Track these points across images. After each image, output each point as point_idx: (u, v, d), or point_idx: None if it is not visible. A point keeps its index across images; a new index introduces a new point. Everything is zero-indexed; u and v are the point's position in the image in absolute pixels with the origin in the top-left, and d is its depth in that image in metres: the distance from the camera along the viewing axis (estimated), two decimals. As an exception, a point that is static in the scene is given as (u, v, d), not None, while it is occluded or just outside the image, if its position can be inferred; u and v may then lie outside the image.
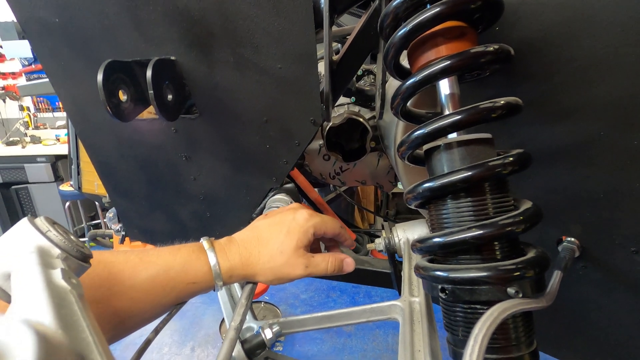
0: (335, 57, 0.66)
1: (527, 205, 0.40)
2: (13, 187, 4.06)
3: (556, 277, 0.51)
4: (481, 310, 0.37)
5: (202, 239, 0.58)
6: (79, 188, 1.43)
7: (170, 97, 0.65)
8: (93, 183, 1.34)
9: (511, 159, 0.38)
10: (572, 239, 0.60)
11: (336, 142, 1.11)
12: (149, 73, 0.58)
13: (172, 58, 0.66)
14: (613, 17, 0.45)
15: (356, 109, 1.14)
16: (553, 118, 0.53)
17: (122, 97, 0.64)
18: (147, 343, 0.51)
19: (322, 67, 0.66)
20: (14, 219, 4.15)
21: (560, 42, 0.48)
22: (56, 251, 0.31)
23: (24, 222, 0.34)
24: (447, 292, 0.38)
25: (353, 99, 1.06)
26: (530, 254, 0.38)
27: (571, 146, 0.54)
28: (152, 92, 0.59)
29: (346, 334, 2.68)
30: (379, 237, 0.87)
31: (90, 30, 0.66)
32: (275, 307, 3.00)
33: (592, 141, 0.52)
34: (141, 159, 0.85)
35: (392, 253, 0.86)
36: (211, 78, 0.68)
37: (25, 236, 0.32)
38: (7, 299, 0.31)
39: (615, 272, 0.59)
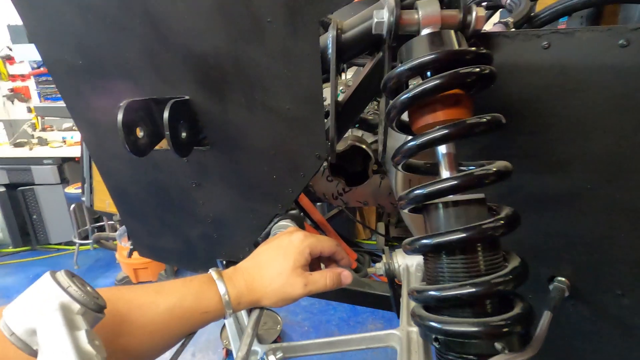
0: (341, 99, 0.69)
1: (515, 262, 0.43)
2: (19, 188, 4.11)
3: (545, 318, 0.55)
4: (471, 361, 0.41)
5: (210, 270, 0.62)
6: (91, 206, 1.47)
7: (184, 134, 0.69)
8: (105, 202, 1.38)
9: (502, 222, 0.42)
10: (563, 279, 0.64)
11: (340, 166, 1.15)
12: (166, 114, 0.62)
13: (187, 97, 0.70)
14: (600, 83, 0.49)
15: (359, 133, 1.18)
16: (545, 169, 0.57)
17: (139, 133, 0.68)
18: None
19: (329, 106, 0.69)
20: (19, 219, 4.20)
21: (551, 103, 0.52)
22: (76, 306, 0.35)
23: (46, 277, 0.38)
24: (440, 342, 0.42)
25: (357, 124, 1.10)
26: (517, 309, 0.42)
27: (561, 195, 0.57)
28: (168, 133, 0.62)
29: (345, 343, 2.70)
30: (379, 256, 0.91)
31: (111, 71, 0.70)
32: (276, 314, 3.03)
33: (580, 192, 0.55)
34: (153, 185, 0.89)
35: (392, 278, 0.89)
36: (223, 116, 0.72)
37: (48, 292, 0.36)
38: (31, 352, 0.34)
39: (604, 313, 0.62)
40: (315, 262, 0.69)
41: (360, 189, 1.26)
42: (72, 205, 3.96)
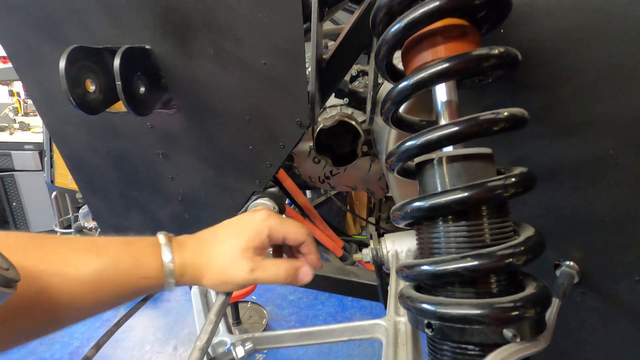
0: (325, 56, 0.61)
1: (528, 232, 0.35)
2: (-2, 174, 3.95)
3: (554, 306, 0.46)
4: (473, 353, 0.33)
5: (158, 233, 0.52)
6: (52, 181, 1.36)
7: (142, 89, 0.59)
8: (67, 177, 1.27)
9: (513, 179, 0.33)
10: (572, 264, 0.56)
11: (326, 145, 1.06)
12: (116, 62, 0.53)
13: (147, 47, 0.60)
14: (633, 25, 0.40)
15: (349, 111, 1.09)
16: (559, 133, 0.48)
17: (90, 87, 0.58)
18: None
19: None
20: (-2, 206, 4.05)
21: (571, 50, 0.44)
22: None
23: None
24: (433, 328, 0.33)
25: (346, 100, 1.01)
26: (530, 288, 0.34)
27: (577, 164, 0.49)
28: (119, 83, 0.53)
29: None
30: (367, 245, 0.82)
31: (57, 12, 0.60)
32: (262, 308, 2.94)
33: (600, 160, 0.47)
34: (114, 155, 0.79)
35: (380, 265, 0.81)
36: (190, 71, 0.62)
37: None
38: None
39: (617, 302, 0.54)
40: (278, 251, 0.61)
41: (349, 172, 1.18)
42: (54, 193, 3.81)
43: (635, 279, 0.52)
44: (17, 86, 4.71)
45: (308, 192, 2.36)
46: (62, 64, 0.53)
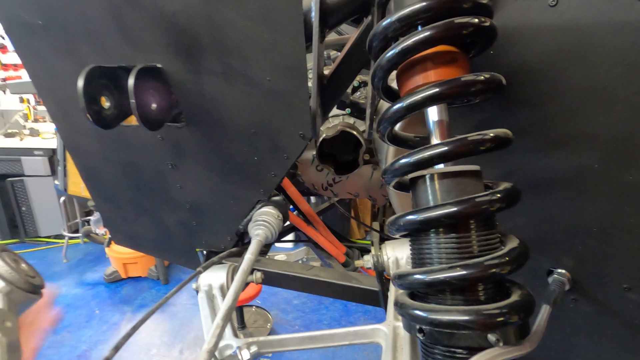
0: (327, 72, 0.64)
1: (513, 243, 0.37)
2: (8, 179, 4.02)
3: (544, 313, 0.49)
4: (460, 356, 0.35)
5: None
6: (65, 189, 1.40)
7: (154, 105, 0.63)
8: (79, 185, 1.31)
9: (499, 195, 0.36)
10: (563, 271, 0.58)
11: (329, 154, 1.09)
12: (130, 81, 0.56)
13: (159, 65, 0.64)
14: (612, 51, 0.43)
15: (351, 120, 1.12)
16: (547, 147, 0.51)
17: (105, 103, 0.62)
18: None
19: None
20: (8, 211, 4.12)
21: (557, 71, 0.46)
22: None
23: None
24: (425, 333, 0.36)
25: (348, 110, 1.04)
26: (515, 296, 0.36)
27: (565, 176, 0.51)
28: (133, 101, 0.56)
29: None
30: (369, 251, 0.85)
31: (74, 34, 0.64)
32: (266, 312, 2.96)
33: (587, 173, 0.50)
34: (126, 165, 0.83)
35: (381, 271, 0.84)
36: (199, 87, 0.66)
37: None
38: None
39: (607, 308, 0.56)
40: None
41: (351, 180, 1.21)
42: (62, 198, 3.88)
43: (623, 287, 0.54)
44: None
45: (312, 198, 2.39)
46: (80, 82, 0.56)
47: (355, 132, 0.99)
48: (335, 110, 1.13)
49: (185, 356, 2.70)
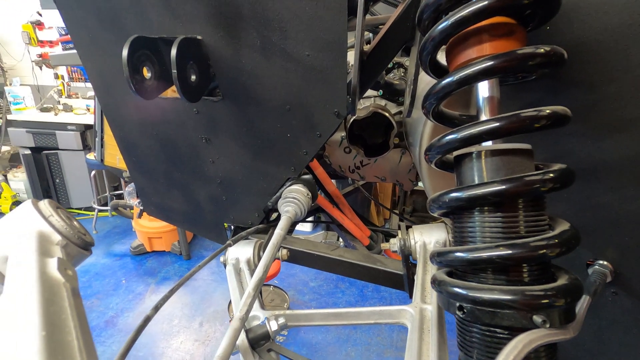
0: (366, 48, 0.62)
1: (563, 226, 0.36)
2: (44, 152, 4.22)
3: (584, 303, 0.47)
4: (501, 335, 0.35)
5: None
6: (102, 160, 1.46)
7: (193, 77, 0.64)
8: (115, 157, 1.36)
9: (551, 175, 0.34)
10: (605, 263, 0.56)
11: (359, 136, 1.07)
12: (173, 52, 0.57)
13: (199, 37, 0.64)
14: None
15: (382, 102, 1.10)
16: (601, 131, 0.48)
17: (147, 74, 0.63)
18: (147, 320, 0.50)
19: (351, 57, 0.62)
20: (43, 182, 4.34)
21: (620, 48, 0.43)
22: (57, 237, 0.31)
23: (27, 205, 0.34)
24: (465, 311, 0.36)
25: (380, 92, 1.02)
26: (562, 280, 0.35)
27: (618, 162, 0.49)
28: (175, 71, 0.57)
29: (351, 326, 2.68)
30: (394, 236, 0.85)
31: (120, 3, 0.65)
32: (283, 292, 3.03)
33: (642, 160, 0.47)
34: (162, 138, 0.85)
35: (407, 255, 0.83)
36: (237, 61, 0.66)
37: (28, 219, 0.32)
38: (1, 279, 0.31)
39: (650, 304, 0.54)
40: None
41: (379, 163, 1.19)
42: (93, 172, 4.05)
43: (671, 282, 0.52)
44: (62, 69, 4.96)
45: (334, 182, 2.39)
46: (125, 51, 0.57)
47: (387, 114, 0.97)
48: (366, 92, 1.11)
49: (204, 328, 2.81)
